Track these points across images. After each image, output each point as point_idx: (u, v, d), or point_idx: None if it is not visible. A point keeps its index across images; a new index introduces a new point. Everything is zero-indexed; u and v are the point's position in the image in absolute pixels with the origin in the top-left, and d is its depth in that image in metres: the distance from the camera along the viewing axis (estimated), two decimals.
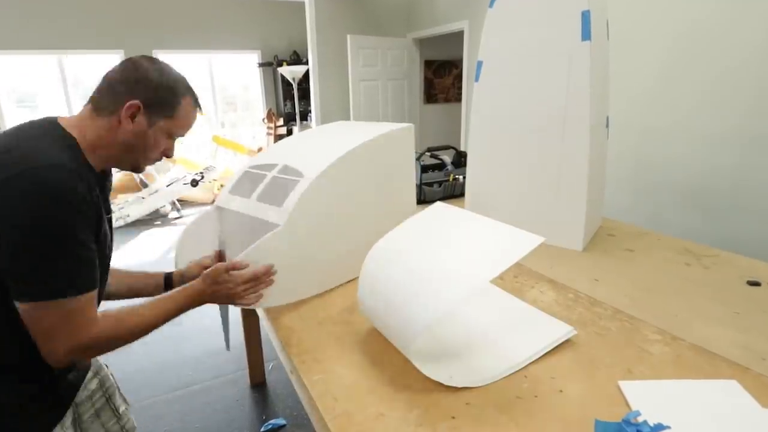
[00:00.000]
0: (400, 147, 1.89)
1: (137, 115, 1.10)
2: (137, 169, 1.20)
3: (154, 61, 1.17)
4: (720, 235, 2.92)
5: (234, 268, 1.33)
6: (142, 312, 1.16)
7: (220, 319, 1.81)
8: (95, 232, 1.05)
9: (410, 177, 1.99)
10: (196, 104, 1.23)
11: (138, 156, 1.16)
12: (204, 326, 3.46)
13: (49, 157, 0.97)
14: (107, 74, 1.14)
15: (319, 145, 1.84)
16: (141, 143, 1.13)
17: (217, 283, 1.30)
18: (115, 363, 2.92)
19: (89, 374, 1.34)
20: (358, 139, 1.71)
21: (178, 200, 6.84)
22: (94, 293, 1.03)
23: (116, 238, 5.71)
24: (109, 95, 1.11)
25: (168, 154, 1.21)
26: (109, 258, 1.22)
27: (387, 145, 1.81)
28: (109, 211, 1.18)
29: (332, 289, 1.70)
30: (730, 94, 2.84)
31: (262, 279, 1.39)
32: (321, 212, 1.58)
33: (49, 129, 1.07)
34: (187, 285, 1.29)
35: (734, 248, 2.04)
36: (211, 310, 1.55)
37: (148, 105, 1.11)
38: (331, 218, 1.63)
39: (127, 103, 1.09)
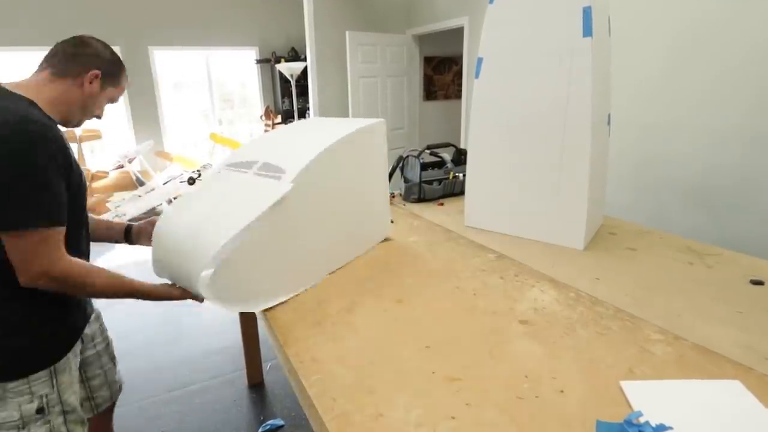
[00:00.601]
0: (374, 141, 1.97)
1: (94, 81, 1.39)
2: (78, 124, 1.44)
3: (99, 40, 1.46)
4: (723, 233, 2.93)
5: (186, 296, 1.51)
6: (110, 277, 1.35)
7: (216, 319, 1.81)
8: (66, 178, 1.25)
9: (383, 170, 2.07)
10: (127, 76, 1.54)
11: (85, 114, 1.43)
12: (201, 326, 3.46)
13: (20, 111, 1.19)
14: (63, 47, 1.38)
15: (297, 142, 1.84)
16: (91, 104, 1.42)
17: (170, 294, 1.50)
18: None
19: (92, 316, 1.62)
20: (335, 134, 1.74)
21: (175, 198, 6.84)
22: (63, 229, 1.23)
23: None
24: (72, 63, 1.36)
25: (100, 114, 1.49)
26: (84, 209, 1.45)
27: (362, 140, 1.87)
28: (77, 165, 1.36)
29: (329, 288, 1.70)
30: (732, 90, 2.84)
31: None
32: (301, 209, 1.59)
33: (5, 93, 1.26)
34: (154, 287, 1.48)
35: (737, 247, 2.04)
36: (207, 309, 1.54)
37: (104, 75, 1.42)
38: (312, 214, 1.64)
39: (91, 72, 1.38)
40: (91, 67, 1.38)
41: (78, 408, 1.41)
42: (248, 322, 2.78)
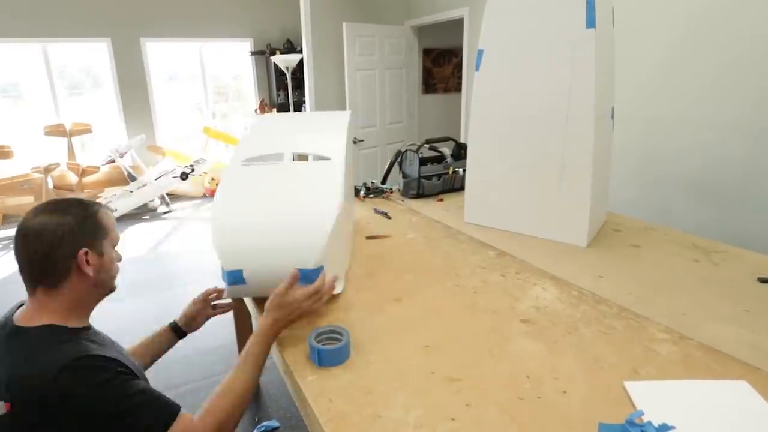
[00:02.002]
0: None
1: (89, 257, 1.21)
2: (112, 290, 1.34)
3: (39, 214, 1.21)
4: (730, 230, 2.93)
5: (291, 285, 1.34)
6: (232, 386, 1.23)
7: (210, 318, 1.83)
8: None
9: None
10: (105, 207, 1.33)
11: (108, 281, 1.30)
12: None
13: (71, 352, 1.07)
14: (24, 258, 1.18)
15: (302, 133, 1.89)
16: (106, 272, 1.27)
17: (283, 307, 1.32)
18: None
19: None
20: (332, 122, 1.89)
21: (168, 194, 6.82)
22: (179, 412, 1.12)
23: None
24: (52, 267, 1.18)
25: (119, 261, 1.36)
26: None
27: (349, 127, 1.95)
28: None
29: None
30: (739, 82, 2.84)
31: (323, 290, 1.39)
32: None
33: (42, 334, 1.13)
34: (256, 330, 1.32)
35: (744, 244, 2.04)
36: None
37: (89, 243, 1.22)
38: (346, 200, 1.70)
39: (78, 255, 1.19)
40: (75, 252, 1.19)
41: None
42: (242, 321, 2.77)
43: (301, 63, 6.21)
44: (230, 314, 2.77)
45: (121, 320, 3.64)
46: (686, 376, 1.16)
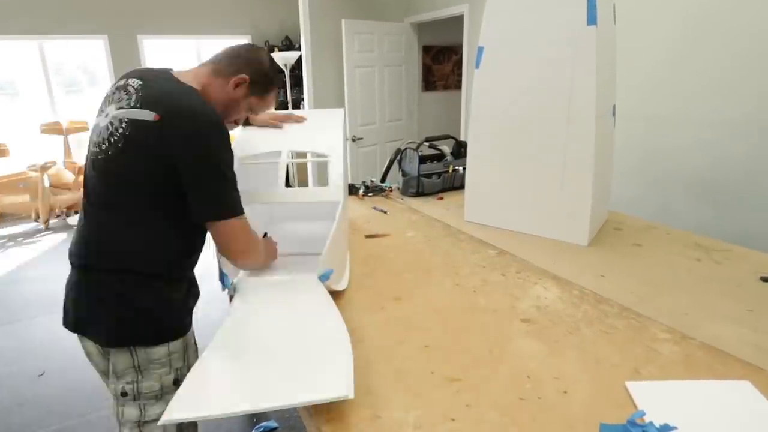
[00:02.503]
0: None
1: (241, 85, 1.48)
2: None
3: (269, 53, 1.58)
4: (732, 228, 2.92)
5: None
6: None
7: (205, 316, 1.83)
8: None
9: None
10: (277, 97, 1.65)
11: (226, 116, 1.51)
12: None
13: (205, 108, 1.34)
14: (232, 49, 1.52)
15: (299, 132, 1.92)
16: (233, 106, 1.52)
17: None
18: None
19: None
20: (329, 122, 1.96)
21: None
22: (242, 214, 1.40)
23: None
24: (229, 65, 1.48)
25: (239, 122, 1.64)
26: None
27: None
28: None
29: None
30: (741, 80, 2.83)
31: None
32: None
33: (173, 78, 1.42)
34: None
35: (747, 242, 2.03)
36: (200, 306, 1.54)
37: (252, 82, 1.49)
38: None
39: (240, 75, 1.47)
40: (241, 72, 1.47)
41: None
42: None
43: (299, 60, 6.20)
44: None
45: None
46: (688, 376, 1.16)
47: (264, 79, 1.52)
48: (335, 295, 1.60)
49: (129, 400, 1.39)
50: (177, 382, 1.40)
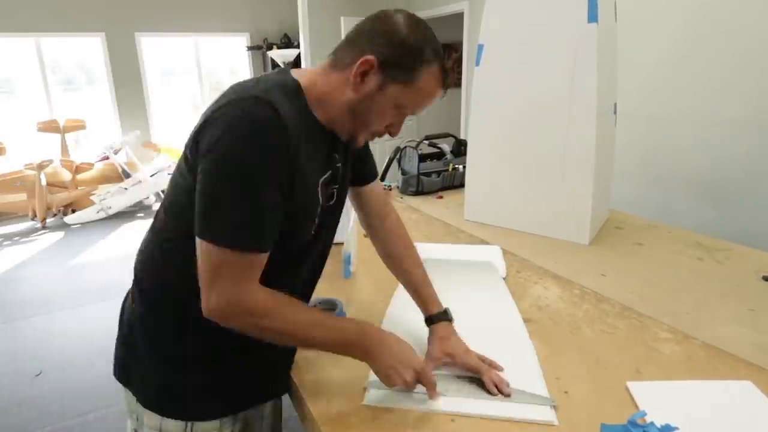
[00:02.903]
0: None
1: (369, 74, 0.99)
2: (354, 139, 1.09)
3: (410, 16, 1.03)
4: (734, 227, 2.92)
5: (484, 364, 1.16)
6: (306, 314, 1.03)
7: None
8: (289, 186, 0.95)
9: None
10: (442, 77, 1.04)
11: (358, 123, 1.05)
12: None
13: (259, 90, 0.93)
14: (356, 26, 1.04)
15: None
16: (364, 107, 1.02)
17: (401, 359, 1.05)
18: (96, 364, 2.89)
19: None
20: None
21: (163, 191, 6.81)
22: (262, 257, 0.95)
23: (94, 231, 5.69)
24: (348, 48, 1.02)
25: (392, 130, 1.09)
26: (317, 235, 1.12)
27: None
28: (335, 180, 1.13)
29: (321, 283, 1.68)
30: (743, 79, 2.83)
31: (428, 384, 1.06)
32: None
33: (278, 75, 1.04)
34: (363, 327, 1.08)
35: (749, 242, 2.03)
36: None
37: (383, 64, 0.98)
38: None
39: (362, 58, 0.97)
40: (364, 53, 0.98)
41: None
42: None
43: (298, 58, 6.20)
44: None
45: (91, 323, 3.64)
46: (690, 377, 1.16)
47: (400, 54, 0.98)
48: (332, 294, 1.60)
49: None
50: None
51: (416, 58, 0.99)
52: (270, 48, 7.50)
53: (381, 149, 5.84)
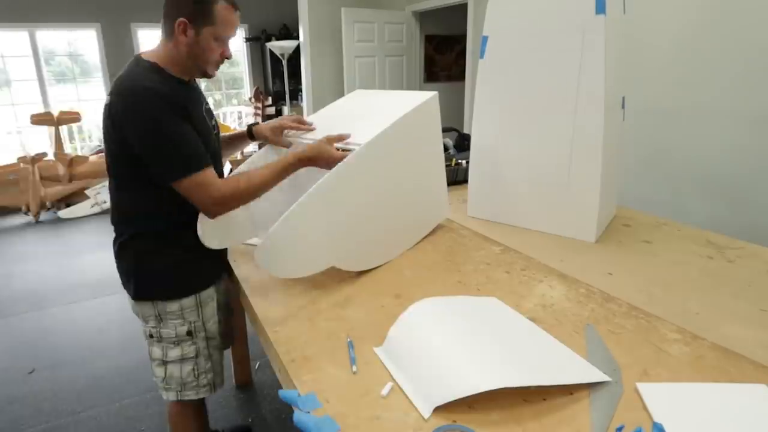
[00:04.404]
0: (428, 119, 1.97)
1: (186, 30, 1.52)
2: (206, 74, 1.64)
3: None
4: (745, 225, 2.91)
5: (332, 141, 1.71)
6: (253, 173, 1.59)
7: None
8: (189, 123, 1.52)
9: (438, 148, 2.04)
10: (231, 5, 1.58)
11: (200, 62, 1.59)
12: None
13: (137, 80, 1.49)
14: (165, 3, 1.56)
15: (355, 120, 1.92)
16: (198, 51, 1.56)
17: (321, 152, 1.64)
18: (89, 362, 2.90)
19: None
20: (386, 117, 1.79)
21: None
22: (208, 168, 1.52)
23: (88, 226, 5.69)
24: (166, 22, 1.55)
25: (225, 55, 1.64)
26: (217, 149, 1.75)
27: (415, 120, 1.86)
28: (210, 115, 1.75)
29: (322, 281, 1.68)
30: (757, 72, 2.82)
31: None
32: (359, 187, 1.69)
33: (137, 66, 1.56)
34: (293, 152, 1.66)
35: (761, 240, 2.03)
36: None
37: (191, 19, 1.51)
38: (373, 196, 1.75)
39: (178, 21, 1.51)
40: (177, 18, 1.51)
41: (218, 336, 1.84)
42: (235, 317, 2.76)
43: (297, 49, 6.19)
44: None
45: (103, 317, 3.64)
46: (699, 379, 1.15)
47: (197, 8, 1.52)
48: (332, 293, 1.60)
49: (155, 342, 1.73)
50: (190, 333, 1.72)
51: (206, 4, 1.51)
52: (269, 39, 7.49)
53: None
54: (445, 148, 2.98)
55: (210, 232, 1.69)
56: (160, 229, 1.63)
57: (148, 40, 7.38)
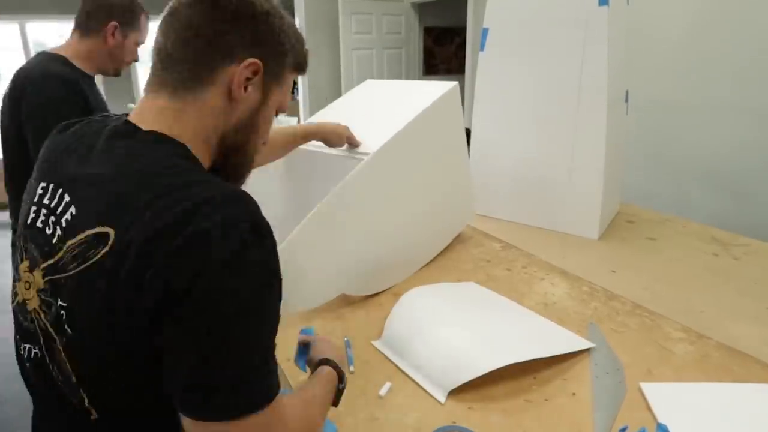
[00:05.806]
0: (449, 113, 1.74)
1: (115, 32, 1.79)
2: (118, 72, 1.94)
3: None
4: (751, 222, 2.91)
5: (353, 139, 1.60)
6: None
7: None
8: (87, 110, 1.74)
9: (462, 144, 1.83)
10: (147, 15, 1.90)
11: (119, 62, 1.88)
12: None
13: (49, 70, 1.71)
14: (84, 5, 1.78)
15: (371, 118, 1.72)
16: (120, 52, 1.84)
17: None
18: None
19: None
20: (405, 114, 1.60)
21: None
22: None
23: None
24: (94, 20, 1.77)
25: (135, 58, 1.93)
26: None
27: (436, 115, 1.66)
28: (103, 107, 1.90)
29: None
30: (762, 64, 2.82)
31: None
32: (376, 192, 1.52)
33: (49, 61, 1.76)
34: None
35: (767, 236, 2.03)
36: None
37: (121, 24, 1.79)
38: (391, 200, 1.58)
39: (110, 24, 1.76)
40: (109, 20, 1.75)
41: None
42: None
43: None
44: None
45: None
46: (703, 378, 1.15)
47: (128, 15, 1.82)
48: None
49: None
50: None
51: (135, 13, 1.85)
52: None
53: None
54: None
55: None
56: None
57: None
